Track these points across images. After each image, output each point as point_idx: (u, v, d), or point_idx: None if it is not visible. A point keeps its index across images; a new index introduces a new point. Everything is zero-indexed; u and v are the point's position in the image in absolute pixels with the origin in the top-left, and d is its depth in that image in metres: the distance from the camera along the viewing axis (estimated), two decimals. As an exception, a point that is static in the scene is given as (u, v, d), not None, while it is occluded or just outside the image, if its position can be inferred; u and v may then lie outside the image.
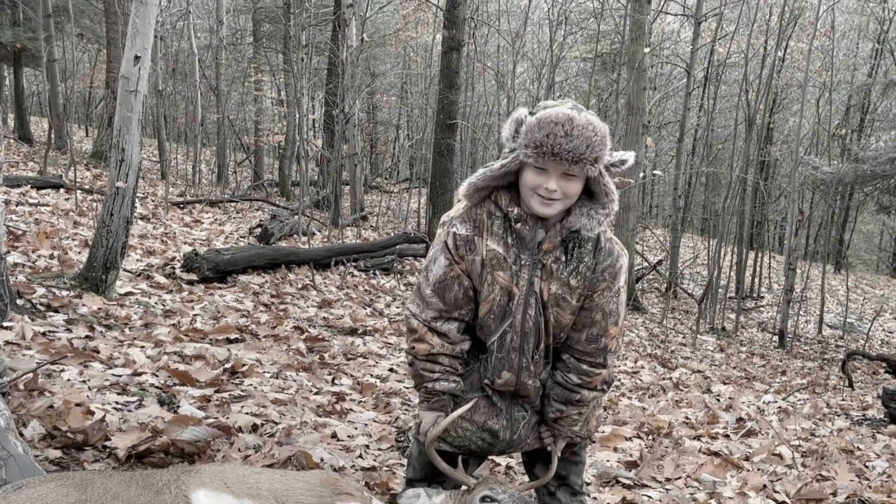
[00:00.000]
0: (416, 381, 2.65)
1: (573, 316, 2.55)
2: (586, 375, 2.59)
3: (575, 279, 2.48)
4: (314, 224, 12.62)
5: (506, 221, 2.47)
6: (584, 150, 2.24)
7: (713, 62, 17.29)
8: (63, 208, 9.40)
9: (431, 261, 2.55)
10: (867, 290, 22.40)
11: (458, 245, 2.49)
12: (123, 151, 5.70)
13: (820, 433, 5.92)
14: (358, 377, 5.26)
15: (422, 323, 2.55)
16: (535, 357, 2.59)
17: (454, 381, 2.61)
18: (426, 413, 2.64)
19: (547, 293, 2.50)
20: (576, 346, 2.58)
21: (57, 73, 16.24)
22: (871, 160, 12.72)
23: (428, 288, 2.54)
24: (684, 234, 20.73)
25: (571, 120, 2.22)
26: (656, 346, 10.47)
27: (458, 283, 2.51)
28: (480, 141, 17.79)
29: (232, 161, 20.05)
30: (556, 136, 2.22)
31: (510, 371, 2.59)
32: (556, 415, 2.64)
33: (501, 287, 2.49)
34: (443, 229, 2.54)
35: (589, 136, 2.24)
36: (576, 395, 2.61)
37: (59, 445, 3.03)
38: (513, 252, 2.47)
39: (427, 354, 2.56)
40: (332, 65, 15.39)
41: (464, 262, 2.50)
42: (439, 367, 2.58)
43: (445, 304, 2.53)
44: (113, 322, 5.12)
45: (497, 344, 2.57)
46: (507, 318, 2.53)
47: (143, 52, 5.68)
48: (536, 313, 2.52)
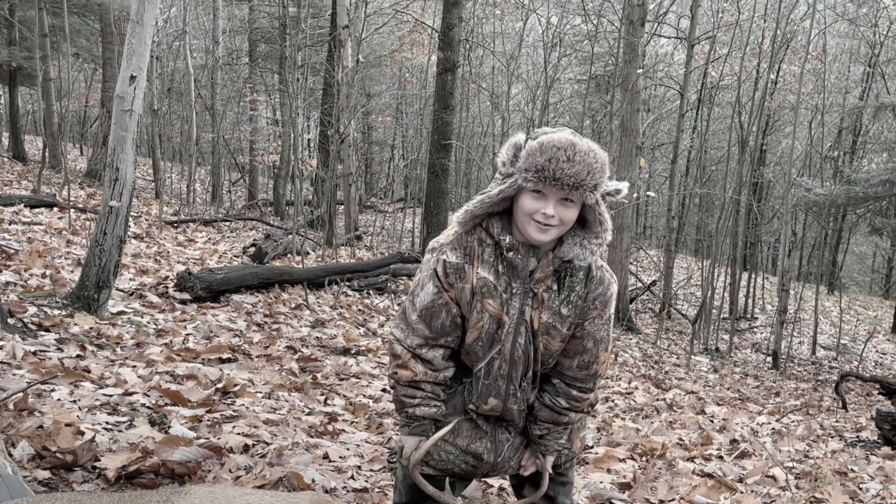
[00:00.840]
0: (398, 406, 2.63)
1: (562, 343, 2.54)
2: (575, 400, 2.60)
3: (566, 308, 2.47)
4: (308, 243, 12.62)
5: (497, 249, 2.44)
6: (585, 176, 2.23)
7: (706, 84, 17.42)
8: (56, 227, 9.39)
9: (419, 286, 2.52)
10: (860, 312, 22.46)
11: (447, 272, 2.45)
12: (118, 170, 5.71)
13: (814, 455, 5.90)
14: (350, 397, 5.24)
15: (406, 349, 2.52)
16: (524, 384, 2.58)
17: (436, 405, 2.59)
18: (407, 438, 2.62)
19: (538, 322, 2.48)
20: (566, 372, 2.59)
21: (52, 92, 16.31)
22: (863, 182, 12.80)
23: (414, 314, 2.50)
24: (678, 254, 20.80)
25: (574, 145, 2.21)
26: (650, 367, 10.46)
27: (445, 311, 2.48)
28: (475, 161, 17.86)
29: (226, 180, 20.08)
30: (559, 161, 2.21)
31: (497, 398, 2.58)
32: (543, 432, 2.64)
33: (491, 315, 2.47)
34: (432, 255, 2.50)
35: (590, 162, 2.23)
36: (564, 418, 2.62)
37: (48, 466, 3.00)
38: (503, 280, 2.44)
39: (409, 381, 2.54)
40: (328, 85, 15.47)
41: (453, 290, 2.47)
42: (421, 394, 2.56)
43: (432, 331, 2.50)
44: (104, 341, 5.10)
45: (484, 371, 2.56)
46: (495, 346, 2.51)
47: (138, 72, 5.71)
48: (526, 341, 2.50)
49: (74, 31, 17.29)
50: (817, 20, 15.71)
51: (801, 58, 15.00)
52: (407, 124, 24.05)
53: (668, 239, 15.92)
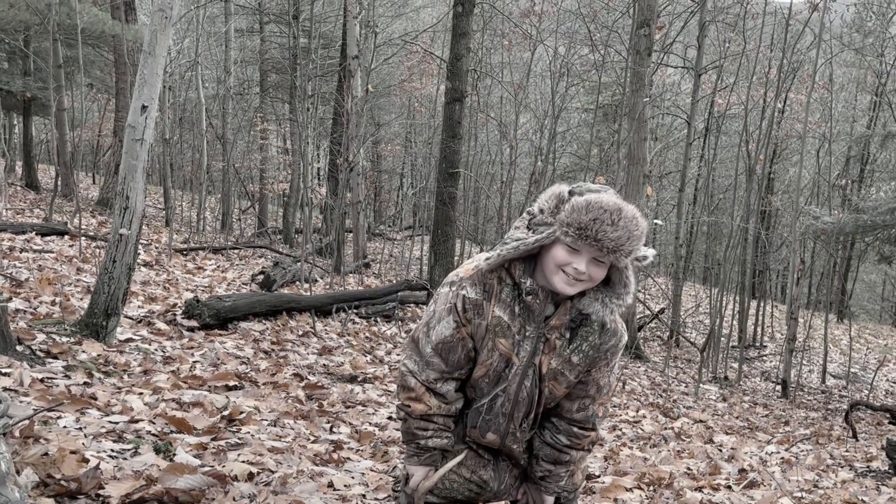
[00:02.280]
0: (408, 438, 2.65)
1: (568, 389, 2.57)
2: (576, 438, 2.62)
3: (577, 356, 2.49)
4: (316, 271, 12.66)
5: (515, 290, 2.45)
6: (624, 242, 2.24)
7: (713, 113, 17.51)
8: (67, 255, 9.47)
9: (435, 319, 2.52)
10: (870, 340, 22.27)
11: (466, 308, 2.46)
12: (128, 199, 5.77)
13: (823, 485, 5.84)
14: (356, 425, 5.24)
15: (420, 383, 2.53)
16: (524, 425, 2.61)
17: (447, 437, 2.61)
18: (416, 468, 2.64)
19: (546, 367, 2.50)
20: (566, 414, 2.62)
21: (66, 121, 16.51)
22: (871, 210, 12.77)
23: (428, 346, 2.51)
24: (686, 282, 20.73)
25: (620, 210, 2.22)
26: (658, 396, 10.40)
27: (462, 345, 2.50)
28: (483, 190, 17.93)
29: (236, 208, 20.21)
30: (603, 223, 2.21)
31: (496, 434, 2.60)
32: (544, 474, 2.66)
33: (501, 354, 2.49)
34: (451, 290, 2.49)
35: (632, 228, 2.23)
36: (565, 457, 2.64)
37: (52, 494, 3.01)
38: (518, 322, 2.45)
39: (422, 414, 2.56)
40: (338, 114, 15.62)
41: (470, 326, 2.48)
42: (433, 426, 2.58)
43: (448, 365, 2.52)
44: (112, 369, 5.12)
45: (486, 406, 2.58)
46: (500, 384, 2.53)
47: (150, 102, 5.79)
48: (532, 385, 2.52)
49: (88, 62, 17.56)
50: (823, 50, 15.80)
51: (808, 87, 15.06)
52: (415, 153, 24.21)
53: (676, 267, 15.90)
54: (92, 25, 14.42)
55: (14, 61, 17.70)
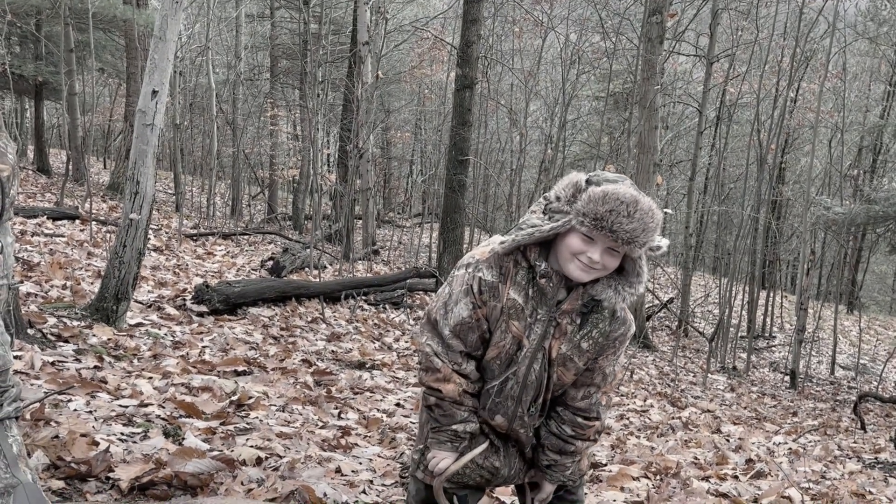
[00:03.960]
0: (443, 423, 2.60)
1: (576, 376, 2.58)
2: (580, 428, 2.63)
3: (586, 342, 2.51)
4: (326, 258, 12.68)
5: (530, 273, 2.46)
6: (640, 234, 2.24)
7: (725, 102, 17.40)
8: (78, 239, 9.51)
9: (452, 301, 2.51)
10: (880, 332, 22.17)
11: (482, 290, 2.46)
12: (138, 184, 5.79)
13: (831, 476, 5.83)
14: (364, 411, 5.26)
15: (447, 364, 2.52)
16: (531, 410, 2.61)
17: (477, 420, 2.61)
18: (444, 452, 2.61)
19: (556, 352, 2.51)
20: (570, 402, 2.63)
21: (77, 106, 16.55)
22: (883, 201, 12.68)
23: (447, 328, 2.51)
24: (695, 272, 20.67)
25: (637, 202, 2.21)
26: (666, 385, 10.39)
27: (478, 327, 2.51)
28: (492, 177, 17.90)
29: (246, 194, 20.24)
30: (619, 215, 2.21)
31: (504, 417, 2.61)
32: (550, 463, 2.67)
33: (513, 336, 2.50)
34: (466, 272, 2.49)
35: (648, 220, 2.23)
36: (570, 447, 2.65)
37: (63, 476, 3.04)
38: (531, 305, 2.46)
39: (455, 395, 2.54)
40: (348, 101, 15.61)
41: (486, 308, 2.48)
42: (464, 409, 2.58)
43: (467, 345, 2.53)
44: (122, 353, 5.16)
45: (497, 389, 2.58)
46: (511, 367, 2.54)
47: (160, 87, 5.80)
48: (541, 369, 2.53)
49: (100, 47, 17.58)
50: (837, 38, 15.66)
51: (821, 76, 14.93)
52: (425, 140, 24.18)
53: (685, 256, 15.86)
54: (103, 10, 14.41)
55: (26, 45, 17.73)
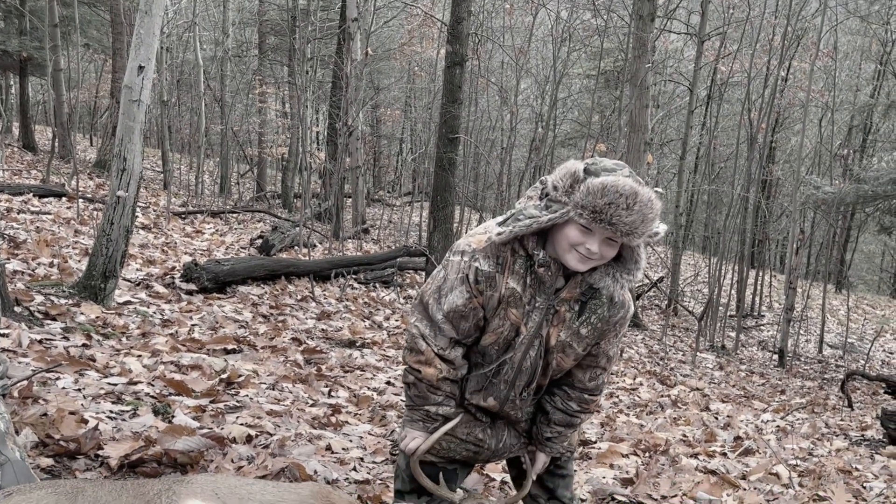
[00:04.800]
0: (417, 402, 2.64)
1: (576, 361, 2.61)
2: (586, 403, 2.69)
3: (585, 329, 2.52)
4: (315, 236, 12.63)
5: (528, 262, 2.45)
6: (638, 226, 2.23)
7: (716, 81, 17.35)
8: (64, 217, 9.42)
9: (447, 287, 2.51)
10: (868, 311, 22.34)
11: (479, 280, 2.46)
12: (125, 161, 5.72)
13: (818, 453, 5.88)
14: (354, 390, 5.25)
15: (431, 348, 2.54)
16: (524, 394, 2.64)
17: (453, 405, 2.64)
18: (418, 432, 2.65)
19: (555, 339, 2.52)
20: (578, 384, 2.67)
21: (62, 82, 16.33)
22: (872, 180, 12.71)
23: (440, 313, 2.51)
24: (685, 251, 20.72)
25: (636, 195, 2.19)
26: (655, 364, 10.44)
27: (473, 315, 2.51)
28: (483, 156, 17.83)
29: (235, 172, 20.10)
30: (618, 208, 2.19)
31: (496, 399, 2.63)
32: (553, 435, 2.71)
33: (511, 323, 2.51)
34: (462, 259, 2.49)
35: (647, 212, 2.22)
36: (576, 420, 2.72)
37: (52, 454, 3.02)
38: (529, 293, 2.47)
39: (435, 379, 2.56)
40: (337, 78, 15.46)
41: (482, 297, 2.49)
42: (441, 393, 2.60)
43: (458, 333, 2.53)
44: (110, 331, 5.12)
45: (493, 372, 2.61)
46: (508, 352, 2.56)
47: (146, 63, 5.71)
48: (537, 356, 2.55)
49: (85, 22, 17.33)
50: (828, 17, 15.61)
51: (812, 55, 14.90)
52: (415, 118, 24.02)
53: (675, 235, 15.88)
54: (88, -16, 14.20)
55: (10, 20, 17.46)
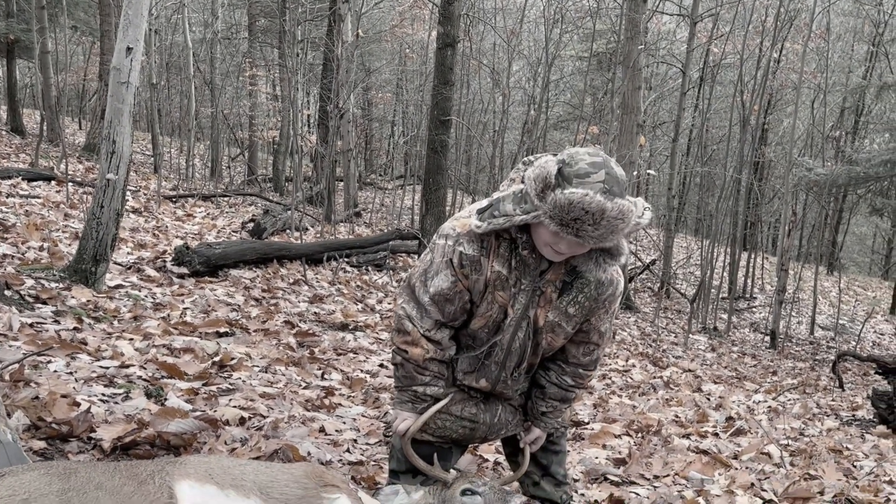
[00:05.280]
0: (405, 382, 2.66)
1: (566, 340, 2.63)
2: (580, 378, 2.73)
3: (573, 308, 2.54)
4: (307, 220, 12.59)
5: (512, 245, 2.47)
6: (606, 237, 2.23)
7: (708, 62, 17.30)
8: (54, 200, 9.36)
9: (433, 271, 2.53)
10: (859, 292, 22.46)
11: (463, 264, 2.48)
12: (114, 143, 5.67)
13: (809, 433, 5.92)
14: (348, 372, 5.25)
15: (417, 328, 2.56)
16: (515, 374, 2.68)
17: (441, 385, 2.66)
18: (407, 413, 2.67)
19: (543, 320, 2.54)
20: (571, 359, 2.70)
21: (50, 64, 16.18)
22: (864, 162, 12.74)
23: (426, 296, 2.54)
24: (678, 233, 20.76)
25: (603, 212, 2.16)
26: (648, 345, 10.48)
27: (458, 298, 2.54)
28: (475, 138, 17.78)
29: (226, 156, 20.00)
30: (584, 224, 2.18)
31: (488, 381, 2.67)
32: (549, 409, 2.74)
33: (500, 305, 2.53)
34: (447, 243, 2.51)
35: (615, 226, 2.20)
36: (571, 394, 2.75)
37: (44, 436, 3.00)
38: (514, 275, 2.49)
39: (422, 360, 2.59)
40: (328, 60, 15.34)
41: (468, 281, 2.51)
42: (429, 373, 2.62)
43: (444, 315, 2.56)
44: (102, 315, 5.09)
45: (484, 354, 2.64)
46: (498, 334, 2.59)
47: (135, 44, 5.65)
48: (525, 337, 2.58)
49: (72, 4, 17.13)
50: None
51: (805, 36, 14.88)
52: (407, 101, 23.91)
53: (668, 218, 15.89)
54: (75, -35, 14.03)
55: (-4, 2, 17.25)
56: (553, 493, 2.95)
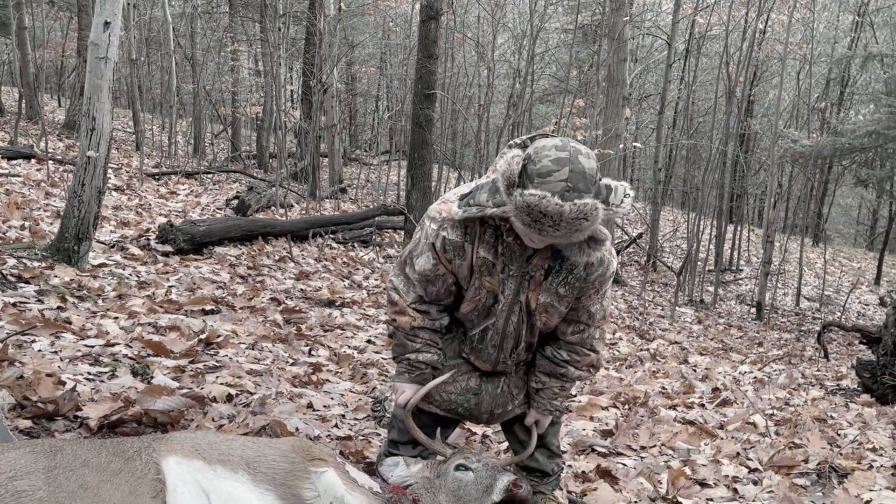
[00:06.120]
0: (398, 352, 2.71)
1: (560, 319, 2.64)
2: (576, 354, 2.70)
3: (564, 288, 2.54)
4: (292, 196, 12.51)
5: (497, 231, 2.48)
6: (571, 236, 2.22)
7: (694, 34, 17.24)
8: (34, 179, 9.24)
9: (418, 252, 2.57)
10: (844, 263, 22.64)
11: (446, 248, 2.51)
12: (94, 120, 5.59)
13: (794, 403, 5.98)
14: (335, 348, 5.24)
15: (403, 298, 2.62)
16: (514, 355, 2.70)
17: (435, 352, 2.69)
18: (406, 385, 2.70)
19: (535, 302, 2.55)
20: (562, 336, 2.70)
21: (28, 41, 15.90)
22: (849, 133, 12.77)
23: (413, 273, 2.59)
24: (664, 207, 20.81)
25: (561, 214, 2.14)
26: (635, 318, 10.53)
27: (442, 281, 2.57)
28: (460, 112, 17.67)
29: (208, 132, 19.76)
30: (544, 226, 2.18)
31: (487, 362, 2.71)
32: (539, 385, 2.75)
33: (488, 291, 2.55)
34: (433, 226, 2.53)
35: (576, 226, 2.18)
36: (561, 369, 2.72)
37: (30, 415, 2.98)
38: (501, 261, 2.50)
39: (410, 328, 2.63)
40: (310, 34, 15.16)
41: (451, 265, 2.54)
42: (420, 340, 2.66)
43: (427, 294, 2.61)
44: (85, 293, 5.04)
45: (478, 336, 2.67)
46: (490, 318, 2.61)
47: (112, 18, 5.55)
48: (519, 320, 2.60)
49: (49, -22, 16.82)
50: (807, -32, 15.49)
51: (790, 6, 14.83)
52: (391, 75, 23.69)
53: (654, 191, 15.91)
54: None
55: (-30, -23, 16.90)
56: (545, 465, 2.98)
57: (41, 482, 1.84)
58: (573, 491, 3.29)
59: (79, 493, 1.87)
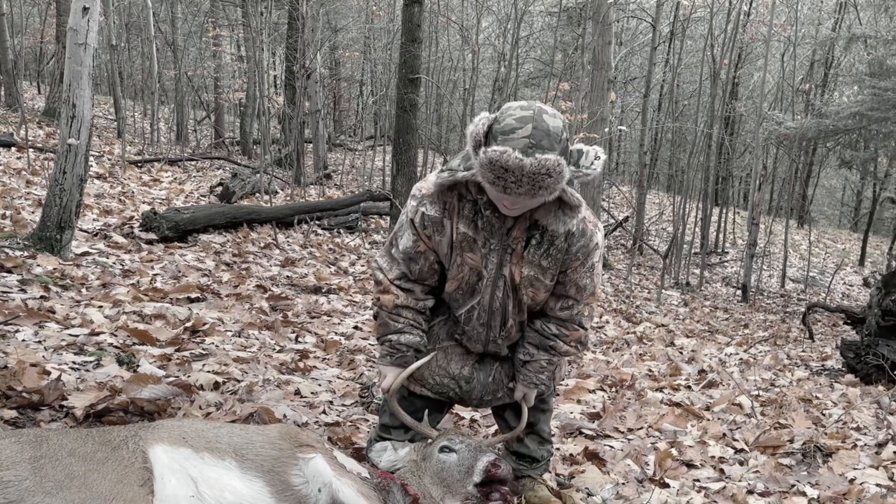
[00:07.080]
0: (381, 332, 2.70)
1: (548, 293, 2.63)
2: (564, 328, 2.69)
3: (546, 260, 2.53)
4: (276, 182, 12.44)
5: (475, 206, 2.48)
6: (536, 191, 2.21)
7: (679, 16, 17.22)
8: (15, 167, 9.14)
9: (401, 230, 2.60)
10: (829, 245, 22.82)
11: (425, 224, 2.52)
12: (74, 107, 5.52)
13: (779, 383, 6.03)
14: (322, 335, 5.23)
15: (386, 277, 2.63)
16: (503, 333, 2.68)
17: (418, 334, 2.68)
18: (388, 368, 2.71)
19: (519, 276, 2.54)
20: (549, 311, 2.69)
21: (5, 27, 15.64)
22: (833, 115, 12.82)
23: (398, 253, 2.60)
24: (650, 190, 20.86)
25: (522, 168, 2.15)
26: (621, 302, 10.57)
27: (423, 258, 2.58)
28: (445, 96, 17.60)
29: (191, 119, 19.62)
30: (507, 181, 2.19)
31: (477, 342, 2.71)
32: (527, 357, 2.74)
33: (471, 267, 2.55)
34: (412, 203, 2.55)
35: (540, 179, 2.18)
36: (550, 342, 2.70)
37: (14, 405, 2.95)
38: (482, 236, 2.50)
39: (393, 306, 2.63)
40: (293, 19, 15.03)
41: (430, 241, 2.55)
42: (403, 320, 2.65)
43: (411, 273, 2.61)
44: (69, 282, 5.00)
45: (465, 317, 2.67)
46: (475, 296, 2.61)
47: (91, 3, 5.47)
48: (504, 295, 2.59)
49: (26, -37, 16.55)
50: (791, -50, 15.49)
51: (774, -12, 14.82)
52: (375, 59, 23.54)
53: (640, 174, 15.94)
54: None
55: (-55, -38, 16.59)
56: (535, 451, 2.98)
57: (27, 472, 1.83)
58: (561, 473, 3.31)
59: (65, 483, 1.85)
